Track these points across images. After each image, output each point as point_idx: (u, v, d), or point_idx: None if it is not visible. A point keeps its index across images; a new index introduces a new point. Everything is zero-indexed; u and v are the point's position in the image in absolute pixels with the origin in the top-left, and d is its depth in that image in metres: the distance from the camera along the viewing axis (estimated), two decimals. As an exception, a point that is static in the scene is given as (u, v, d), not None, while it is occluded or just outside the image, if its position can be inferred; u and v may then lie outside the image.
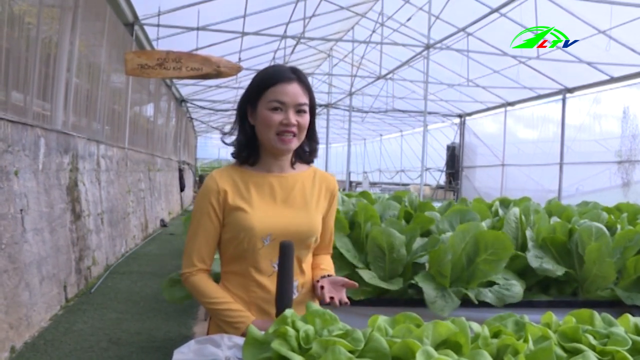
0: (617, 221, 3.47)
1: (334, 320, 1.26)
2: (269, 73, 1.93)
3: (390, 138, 30.38)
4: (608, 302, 2.87)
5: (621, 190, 12.31)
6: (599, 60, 11.98)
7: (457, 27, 11.85)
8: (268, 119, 1.86)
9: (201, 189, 1.93)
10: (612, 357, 1.19)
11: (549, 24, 11.01)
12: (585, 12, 10.47)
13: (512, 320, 1.31)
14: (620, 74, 12.42)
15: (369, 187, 22.08)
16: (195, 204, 1.95)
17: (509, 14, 11.36)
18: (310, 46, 16.88)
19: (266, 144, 1.90)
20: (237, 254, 1.91)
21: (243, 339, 1.31)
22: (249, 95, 1.93)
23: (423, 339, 1.17)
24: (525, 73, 13.89)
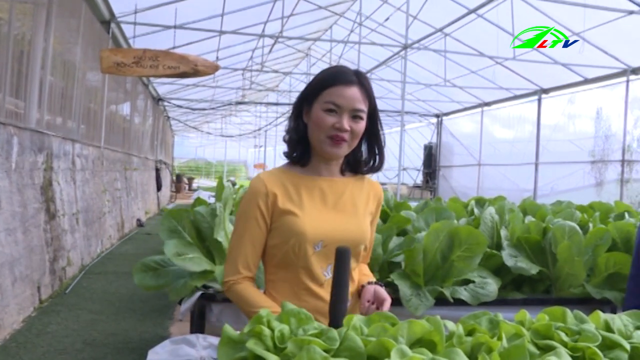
0: (590, 220, 3.54)
1: (309, 320, 1.26)
2: (330, 73, 1.86)
3: (369, 138, 30.43)
4: (580, 299, 2.92)
5: (594, 189, 12.50)
6: (573, 62, 12.15)
7: (435, 28, 11.94)
8: (321, 120, 1.79)
9: (248, 192, 1.84)
10: (582, 353, 1.20)
11: (525, 25, 11.14)
12: (560, 14, 10.60)
13: (487, 318, 1.32)
14: (593, 75, 12.61)
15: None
16: (241, 207, 1.84)
17: (486, 15, 11.47)
18: (288, 45, 16.87)
19: (316, 145, 1.84)
20: (286, 260, 1.82)
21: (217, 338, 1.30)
22: (307, 93, 1.86)
23: (398, 338, 1.17)
24: (502, 73, 14.03)
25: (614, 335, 1.25)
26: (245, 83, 19.28)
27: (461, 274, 2.68)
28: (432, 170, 20.67)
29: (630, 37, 10.64)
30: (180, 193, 25.97)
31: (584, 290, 2.93)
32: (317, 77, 1.88)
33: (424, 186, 21.02)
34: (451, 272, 2.64)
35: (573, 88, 13.67)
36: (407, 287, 2.58)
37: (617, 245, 3.10)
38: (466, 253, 2.58)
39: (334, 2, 14.12)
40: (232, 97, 22.26)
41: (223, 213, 2.67)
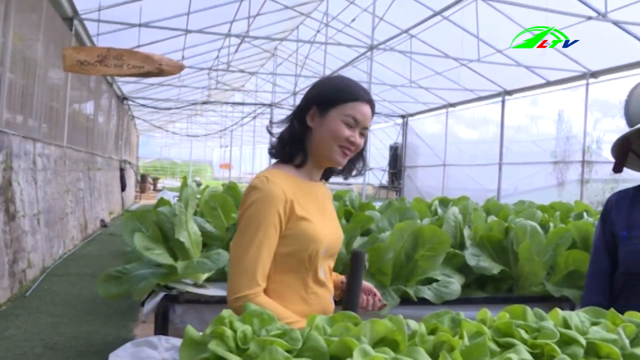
0: (551, 219, 3.61)
1: (272, 320, 1.26)
2: (351, 86, 1.88)
3: (335, 137, 30.50)
4: (541, 297, 2.98)
5: (556, 189, 12.74)
6: (535, 65, 12.37)
7: (401, 29, 12.01)
8: (339, 130, 1.81)
9: (263, 196, 1.73)
10: (541, 349, 1.22)
11: (490, 28, 11.31)
12: (523, 17, 10.77)
13: (449, 317, 1.33)
14: (555, 78, 12.86)
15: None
16: (256, 213, 1.73)
17: (452, 17, 11.59)
18: (255, 45, 16.82)
19: (322, 151, 1.84)
20: (297, 267, 1.80)
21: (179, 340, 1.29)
22: (323, 99, 1.84)
23: (361, 338, 1.17)
24: (467, 75, 14.20)
25: (571, 332, 1.28)
26: (211, 83, 19.16)
27: (425, 273, 2.71)
28: (398, 171, 20.81)
29: (590, 42, 10.88)
30: (145, 193, 25.67)
31: (545, 289, 2.99)
32: (335, 85, 1.89)
33: (390, 186, 21.14)
34: (415, 271, 2.66)
35: (535, 90, 13.92)
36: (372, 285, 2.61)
37: (576, 244, 3.17)
38: (430, 252, 2.61)
39: (300, 2, 14.12)
40: (198, 97, 22.10)
41: (186, 213, 2.65)
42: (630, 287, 2.40)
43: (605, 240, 2.50)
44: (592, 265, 2.55)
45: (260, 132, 32.06)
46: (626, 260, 2.41)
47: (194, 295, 2.63)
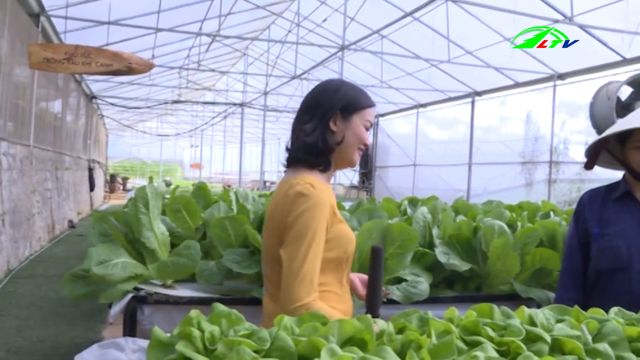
0: (518, 219, 3.67)
1: (240, 320, 1.25)
2: (365, 93, 2.01)
3: (305, 137, 30.52)
4: (508, 296, 3.02)
5: (524, 189, 12.93)
6: (504, 66, 12.54)
7: (372, 30, 12.07)
8: (362, 134, 1.94)
9: (315, 203, 1.78)
10: (508, 347, 1.24)
11: (460, 29, 11.43)
12: (492, 19, 10.91)
13: (417, 316, 1.34)
14: (524, 79, 13.05)
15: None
16: (309, 221, 1.77)
17: (422, 18, 11.69)
18: (226, 44, 16.74)
19: (344, 154, 1.94)
20: (335, 268, 1.88)
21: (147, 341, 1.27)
22: (347, 103, 1.92)
23: (329, 337, 1.17)
24: (437, 76, 14.32)
25: (536, 329, 1.30)
26: (182, 82, 19.02)
27: (394, 272, 2.73)
28: (369, 171, 20.90)
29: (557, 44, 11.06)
30: (114, 193, 25.36)
31: (512, 287, 3.04)
32: (355, 91, 1.98)
33: (361, 186, 21.22)
34: (384, 270, 2.69)
35: (505, 91, 14.11)
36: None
37: (543, 243, 3.22)
38: (399, 250, 2.63)
39: (271, 2, 14.10)
40: (168, 96, 21.92)
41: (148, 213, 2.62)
42: (603, 283, 2.47)
43: (578, 237, 2.57)
44: (566, 262, 2.62)
45: (231, 132, 31.91)
46: (598, 257, 2.48)
47: (163, 296, 2.60)
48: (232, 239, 2.87)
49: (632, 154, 2.42)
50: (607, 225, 2.48)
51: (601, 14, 9.42)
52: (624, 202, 2.49)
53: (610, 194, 2.54)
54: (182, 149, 50.44)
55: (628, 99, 4.22)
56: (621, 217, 2.46)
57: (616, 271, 2.42)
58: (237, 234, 2.87)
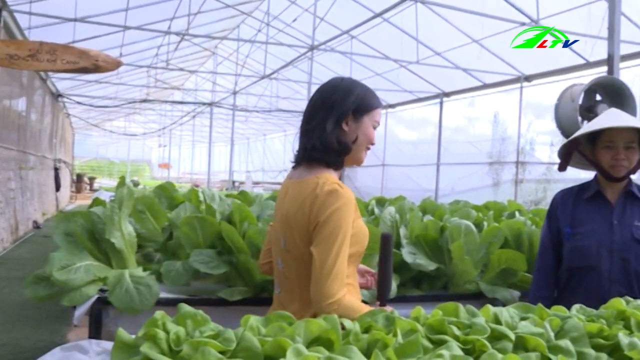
0: (484, 219, 3.72)
1: (206, 321, 1.24)
2: (374, 94, 2.06)
3: (274, 138, 30.52)
4: (473, 295, 3.05)
5: (492, 189, 13.10)
6: (472, 67, 12.67)
7: (342, 30, 12.10)
8: (371, 134, 2.03)
9: (346, 202, 1.85)
10: (473, 345, 1.25)
11: (429, 30, 11.53)
12: (460, 21, 11.03)
13: (383, 315, 1.34)
14: (491, 80, 13.21)
15: (251, 187, 22.04)
16: (342, 219, 1.83)
17: (392, 19, 11.75)
18: (195, 43, 16.60)
19: (355, 153, 2.00)
20: (354, 261, 1.97)
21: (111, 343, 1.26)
22: (359, 105, 1.98)
23: (295, 337, 1.17)
24: (406, 77, 14.41)
25: (501, 327, 1.31)
26: (150, 81, 18.82)
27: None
28: (337, 170, 20.89)
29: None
30: (80, 193, 24.97)
31: (478, 286, 3.07)
32: (367, 92, 2.03)
33: (330, 186, 21.19)
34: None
35: (473, 92, 14.26)
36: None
37: (508, 242, 3.28)
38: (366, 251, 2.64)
39: (241, 1, 14.05)
40: (137, 95, 21.66)
41: (119, 213, 2.58)
42: (574, 281, 2.54)
43: (551, 236, 2.64)
44: (539, 260, 2.68)
45: (199, 132, 31.66)
46: (569, 256, 2.55)
47: (129, 297, 2.56)
48: (201, 239, 2.85)
49: (602, 154, 2.49)
50: (578, 224, 2.54)
51: (566, 18, 9.60)
52: (595, 202, 2.56)
53: (582, 194, 2.61)
54: (150, 149, 49.91)
55: (591, 102, 4.29)
56: (592, 217, 2.53)
57: (587, 269, 2.49)
58: (206, 234, 2.85)
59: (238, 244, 2.66)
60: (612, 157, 2.45)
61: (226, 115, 23.19)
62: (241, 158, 35.41)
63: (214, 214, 3.15)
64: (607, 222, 2.49)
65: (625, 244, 2.44)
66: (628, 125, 2.41)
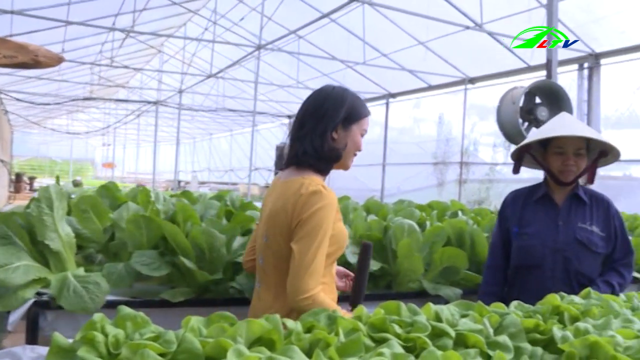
0: (428, 218, 3.78)
1: (146, 323, 1.22)
2: (363, 103, 2.14)
3: (220, 137, 30.27)
4: (417, 293, 3.10)
5: (436, 189, 13.32)
6: (418, 69, 12.85)
7: (289, 30, 12.10)
8: (359, 142, 2.12)
9: (326, 204, 1.93)
10: (414, 343, 1.27)
11: (375, 32, 11.64)
12: (407, 23, 11.18)
13: (325, 315, 1.35)
14: (436, 82, 13.43)
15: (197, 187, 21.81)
16: (323, 219, 1.92)
17: (339, 20, 11.82)
18: (140, 41, 16.29)
19: (343, 160, 2.12)
20: (331, 262, 2.04)
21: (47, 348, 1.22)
22: (349, 114, 2.07)
23: (237, 338, 1.17)
24: (352, 77, 14.49)
25: (441, 325, 1.34)
26: (94, 78, 18.38)
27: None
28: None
29: (468, 50, 11.49)
30: (20, 193, 24.14)
31: (421, 285, 3.12)
32: (355, 101, 2.10)
33: (276, 186, 21.16)
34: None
35: (418, 94, 14.47)
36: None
37: (450, 241, 3.34)
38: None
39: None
40: (80, 92, 21.12)
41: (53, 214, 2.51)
42: (522, 279, 2.65)
43: (501, 235, 2.74)
44: (489, 258, 2.78)
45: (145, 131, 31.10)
46: (517, 255, 2.65)
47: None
48: (145, 239, 2.79)
49: (552, 159, 2.60)
50: (525, 225, 2.65)
51: (508, 22, 9.85)
52: (542, 203, 2.67)
53: (531, 196, 2.73)
54: (93, 148, 48.75)
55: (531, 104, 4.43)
56: (538, 218, 2.65)
57: (532, 268, 2.61)
58: (150, 234, 2.80)
59: (181, 244, 2.63)
60: (562, 163, 2.57)
61: (172, 114, 22.86)
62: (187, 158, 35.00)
63: (158, 214, 3.10)
64: (553, 223, 2.60)
65: (568, 244, 2.56)
66: (578, 135, 2.52)
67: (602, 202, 2.66)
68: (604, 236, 2.60)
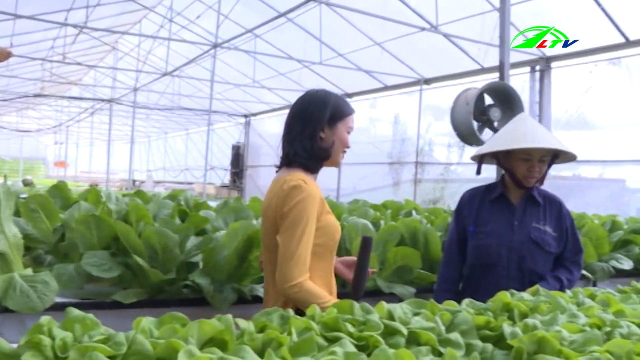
0: (382, 217, 3.82)
1: (96, 326, 1.20)
2: (346, 102, 2.28)
3: (176, 136, 29.94)
4: (372, 292, 3.12)
5: (392, 189, 13.44)
6: (374, 70, 12.94)
7: (246, 29, 12.03)
8: (346, 139, 2.25)
9: (306, 196, 2.04)
10: (367, 341, 1.28)
11: (332, 32, 11.68)
12: (364, 24, 11.25)
13: (278, 314, 1.35)
14: (392, 83, 13.55)
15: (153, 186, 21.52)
16: (303, 211, 2.03)
17: (296, 19, 11.82)
18: (94, 37, 15.98)
19: (333, 157, 2.25)
20: (323, 255, 2.14)
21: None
22: (334, 114, 2.20)
23: (188, 339, 1.16)
24: (309, 77, 14.50)
25: (394, 323, 1.35)
26: (45, 74, 17.94)
27: (259, 273, 2.75)
28: (240, 170, 20.84)
29: (424, 51, 11.63)
30: (-34, 193, 23.39)
31: (375, 284, 3.15)
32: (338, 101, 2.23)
33: (232, 186, 21.09)
34: (249, 271, 2.71)
35: (375, 94, 14.56)
36: (209, 284, 2.60)
37: (405, 241, 3.39)
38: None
39: (143, -5, 13.67)
40: (30, 89, 20.58)
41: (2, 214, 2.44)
42: (476, 277, 2.70)
43: (457, 233, 2.79)
44: (446, 255, 2.83)
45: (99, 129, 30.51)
46: (473, 253, 2.70)
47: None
48: (96, 240, 2.74)
49: (518, 165, 2.65)
50: (482, 224, 2.71)
51: (463, 25, 10.01)
52: (499, 203, 2.73)
53: (488, 195, 2.78)
54: (45, 147, 47.57)
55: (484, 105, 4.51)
56: (495, 218, 2.71)
57: (487, 267, 2.67)
58: (102, 234, 2.75)
59: (134, 245, 2.59)
60: (528, 170, 2.62)
61: (127, 112, 22.45)
62: (142, 157, 34.48)
63: (110, 214, 3.04)
64: (508, 223, 2.67)
65: (523, 244, 2.63)
66: (550, 147, 2.58)
67: (555, 203, 2.74)
68: (556, 236, 2.68)
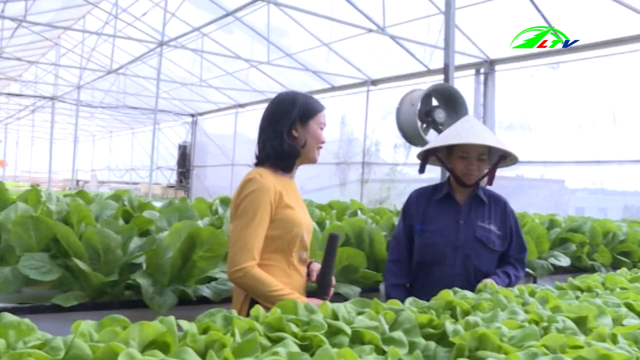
0: (327, 217, 3.85)
1: (31, 331, 1.17)
2: (315, 100, 2.35)
3: (121, 135, 29.37)
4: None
5: (339, 189, 13.53)
6: (322, 70, 12.99)
7: (193, 27, 11.89)
8: (319, 136, 2.31)
9: (257, 188, 2.12)
10: (310, 341, 1.28)
11: (279, 31, 11.68)
12: (311, 24, 11.29)
13: (221, 315, 1.34)
14: (339, 83, 13.63)
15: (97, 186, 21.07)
16: (253, 201, 2.11)
17: (244, 18, 11.77)
18: (34, 32, 15.50)
19: (307, 154, 2.31)
20: (281, 247, 2.19)
21: None
22: (303, 112, 2.27)
23: (129, 342, 1.14)
24: (256, 77, 14.48)
25: (338, 322, 1.36)
26: (-19, 69, 17.33)
27: (204, 272, 2.73)
28: (186, 170, 20.63)
29: (371, 52, 11.75)
30: None
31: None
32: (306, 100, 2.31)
33: (178, 186, 20.86)
34: (193, 272, 2.68)
35: (322, 94, 14.57)
36: (149, 285, 2.56)
37: (350, 240, 3.42)
38: (208, 253, 2.66)
39: (88, -10, 13.34)
40: (-35, 85, 19.84)
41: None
42: (423, 274, 2.77)
43: (405, 231, 2.85)
44: (393, 252, 2.88)
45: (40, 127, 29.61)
46: (419, 251, 2.77)
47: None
48: (34, 242, 2.66)
49: (457, 163, 2.74)
50: (428, 222, 2.78)
51: (409, 27, 10.16)
52: (445, 202, 2.80)
53: (434, 194, 2.85)
54: (-18, 145, 45.89)
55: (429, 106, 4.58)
56: (441, 216, 2.77)
57: (434, 264, 2.73)
58: (40, 236, 2.67)
59: (74, 246, 2.53)
60: (466, 167, 2.71)
61: (70, 110, 21.87)
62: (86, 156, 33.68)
63: (50, 214, 2.96)
64: (454, 221, 2.74)
65: (468, 242, 2.70)
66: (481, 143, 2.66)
67: (500, 202, 2.82)
68: (500, 234, 2.76)
